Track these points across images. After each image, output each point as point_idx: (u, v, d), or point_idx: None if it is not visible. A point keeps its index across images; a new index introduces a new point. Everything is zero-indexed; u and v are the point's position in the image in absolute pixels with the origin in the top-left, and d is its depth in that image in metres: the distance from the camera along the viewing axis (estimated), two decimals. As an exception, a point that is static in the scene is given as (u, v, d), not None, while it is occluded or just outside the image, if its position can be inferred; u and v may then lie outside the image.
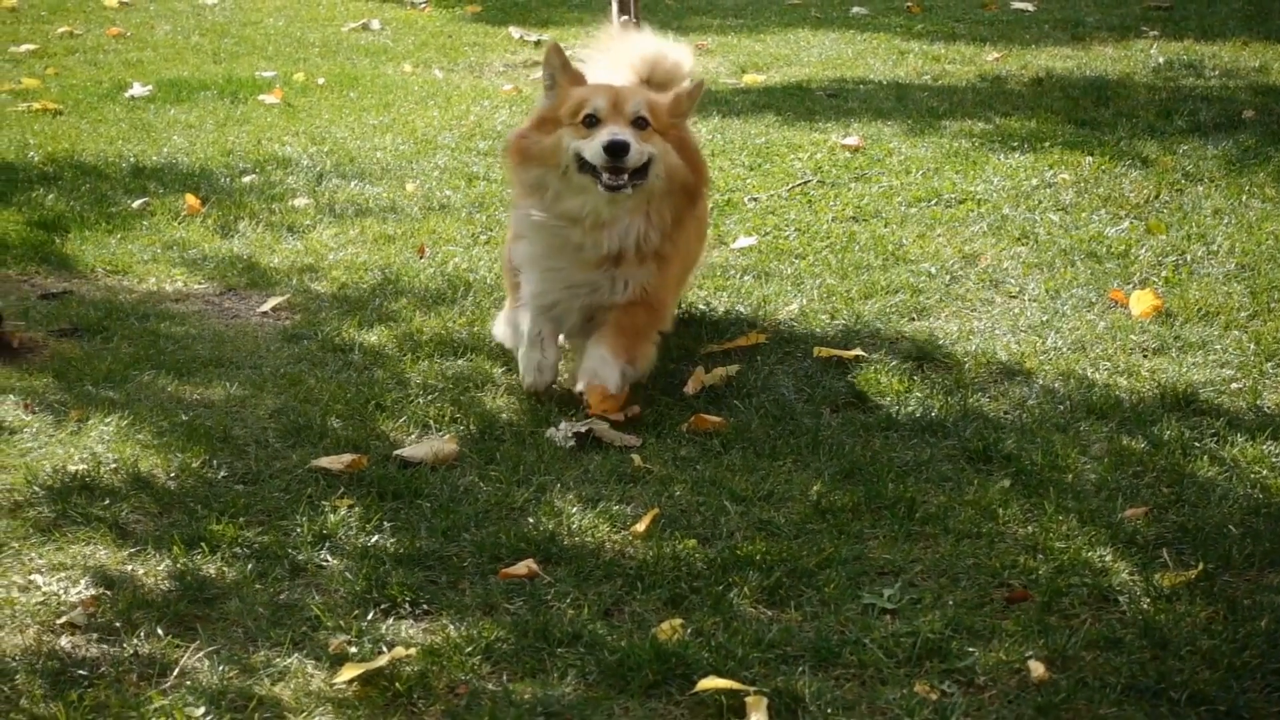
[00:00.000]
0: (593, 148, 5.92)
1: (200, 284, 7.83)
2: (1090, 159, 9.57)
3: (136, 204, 9.08)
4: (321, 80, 13.30)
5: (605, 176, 5.92)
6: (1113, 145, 9.91)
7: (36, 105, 12.09)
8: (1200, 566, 4.66)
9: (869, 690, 4.12)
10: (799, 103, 11.89)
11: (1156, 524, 4.98)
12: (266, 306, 7.41)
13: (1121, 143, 10.00)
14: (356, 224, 8.74)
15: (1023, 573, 4.70)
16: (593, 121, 6.01)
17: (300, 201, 9.20)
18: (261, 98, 12.50)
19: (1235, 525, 4.94)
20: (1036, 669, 4.16)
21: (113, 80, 13.29)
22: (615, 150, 5.87)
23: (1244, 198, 8.65)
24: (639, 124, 6.03)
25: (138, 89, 12.79)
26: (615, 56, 7.15)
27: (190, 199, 9.07)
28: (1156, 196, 8.78)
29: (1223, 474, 5.33)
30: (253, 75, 13.50)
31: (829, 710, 4.00)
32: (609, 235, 6.04)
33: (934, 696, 4.08)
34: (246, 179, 9.73)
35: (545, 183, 6.10)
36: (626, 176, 5.93)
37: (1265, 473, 5.32)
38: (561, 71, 6.23)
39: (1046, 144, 10.02)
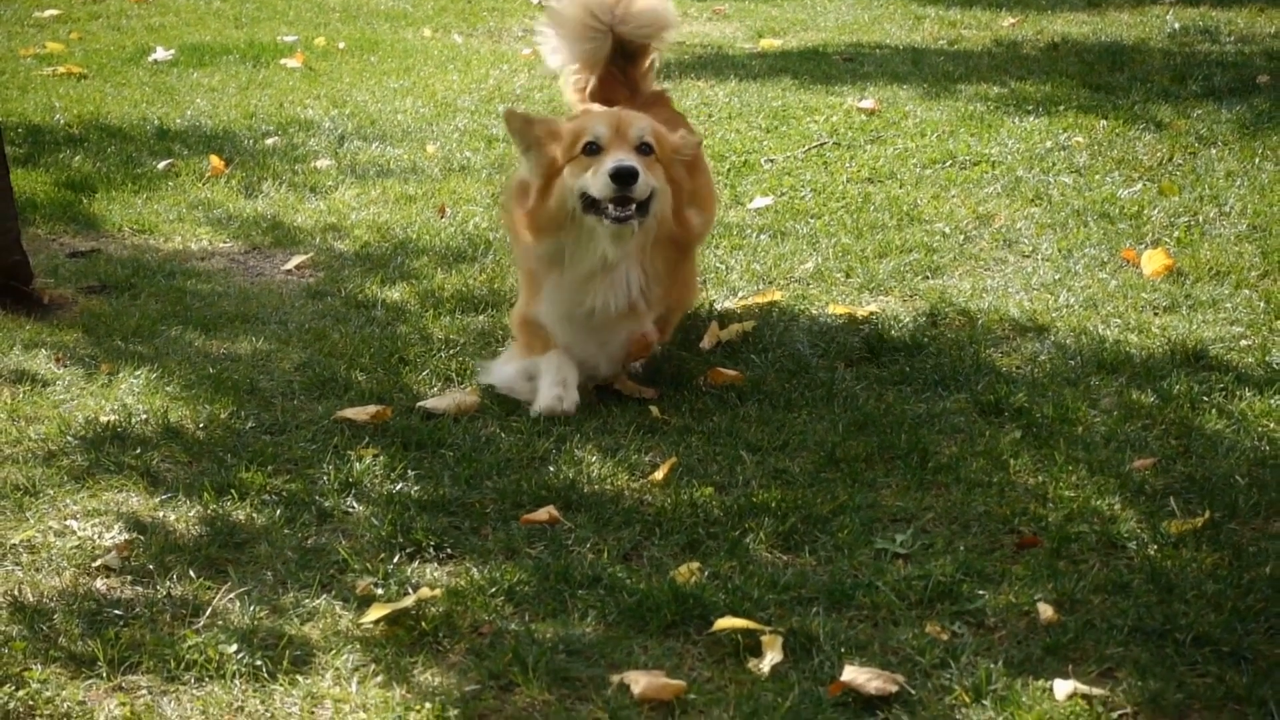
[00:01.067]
0: (599, 180, 5.44)
1: (225, 243, 7.96)
2: (1104, 122, 9.65)
3: (161, 165, 9.21)
4: (342, 45, 13.41)
5: (611, 208, 5.45)
6: (1127, 109, 9.98)
7: (61, 69, 12.24)
8: (1207, 515, 4.76)
9: (881, 630, 4.23)
10: (815, 67, 11.99)
11: (1164, 474, 5.08)
12: (290, 264, 7.54)
13: (1136, 107, 10.07)
14: (378, 185, 8.87)
15: (1032, 520, 4.81)
16: (594, 149, 5.54)
17: (323, 163, 9.33)
18: (283, 62, 12.63)
19: (1242, 476, 5.04)
20: (1045, 611, 4.26)
21: (136, 45, 13.41)
22: (622, 176, 5.39)
23: (1257, 160, 8.73)
24: (643, 150, 5.57)
25: (160, 53, 12.91)
26: None
27: (214, 160, 9.20)
28: (1170, 159, 8.86)
29: (1230, 427, 5.43)
30: (274, 40, 13.61)
31: (842, 649, 4.11)
32: (615, 284, 5.64)
33: (945, 636, 4.19)
34: (269, 141, 9.86)
35: (561, 249, 5.67)
36: (634, 207, 5.47)
37: (1272, 426, 5.41)
38: (530, 127, 5.72)
39: (1061, 108, 10.10)
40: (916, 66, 11.80)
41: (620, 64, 6.73)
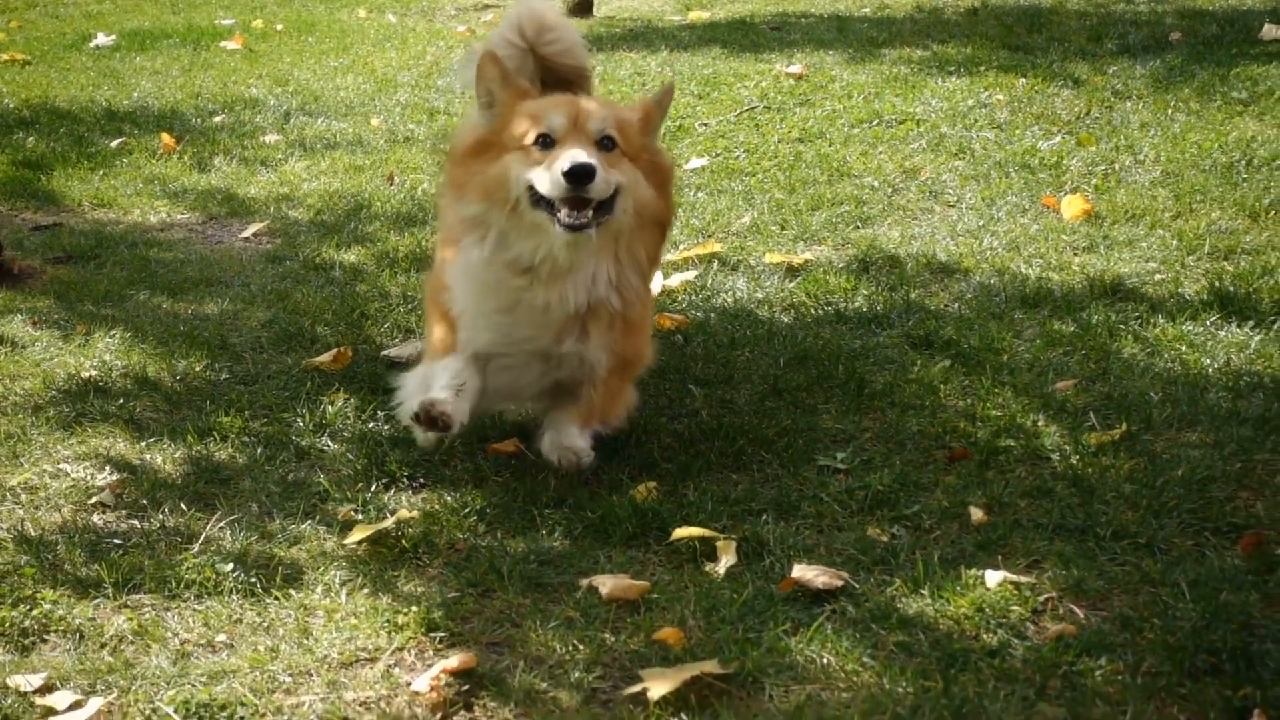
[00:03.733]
0: (550, 176, 4.76)
1: (183, 214, 8.27)
2: (1024, 81, 10.00)
3: (114, 144, 9.51)
4: (280, 26, 13.70)
5: (564, 213, 4.77)
6: (1045, 68, 10.34)
7: (4, 56, 12.46)
8: (1124, 427, 5.12)
9: (826, 535, 4.58)
10: (743, 36, 12.33)
11: (1084, 394, 5.44)
12: (248, 232, 7.85)
13: (1054, 65, 10.43)
14: (326, 157, 9.18)
15: (962, 436, 5.16)
16: (547, 143, 4.87)
17: (271, 138, 9.64)
18: (223, 44, 12.92)
19: (1156, 393, 5.39)
20: (976, 514, 4.62)
21: (76, 31, 13.67)
22: (577, 176, 4.71)
23: (1170, 111, 9.10)
24: (604, 145, 4.89)
25: (102, 39, 13.17)
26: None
27: (165, 138, 9.49)
28: (1087, 113, 9.22)
29: (1145, 351, 5.79)
30: (212, 23, 13.89)
31: (791, 552, 4.46)
32: (573, 287, 4.93)
33: (884, 538, 4.54)
34: (216, 119, 10.16)
35: (488, 220, 4.97)
36: (591, 212, 4.79)
37: (1184, 349, 5.77)
38: (501, 85, 5.06)
39: (982, 68, 10.46)
40: (841, 33, 12.15)
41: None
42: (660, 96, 5.19)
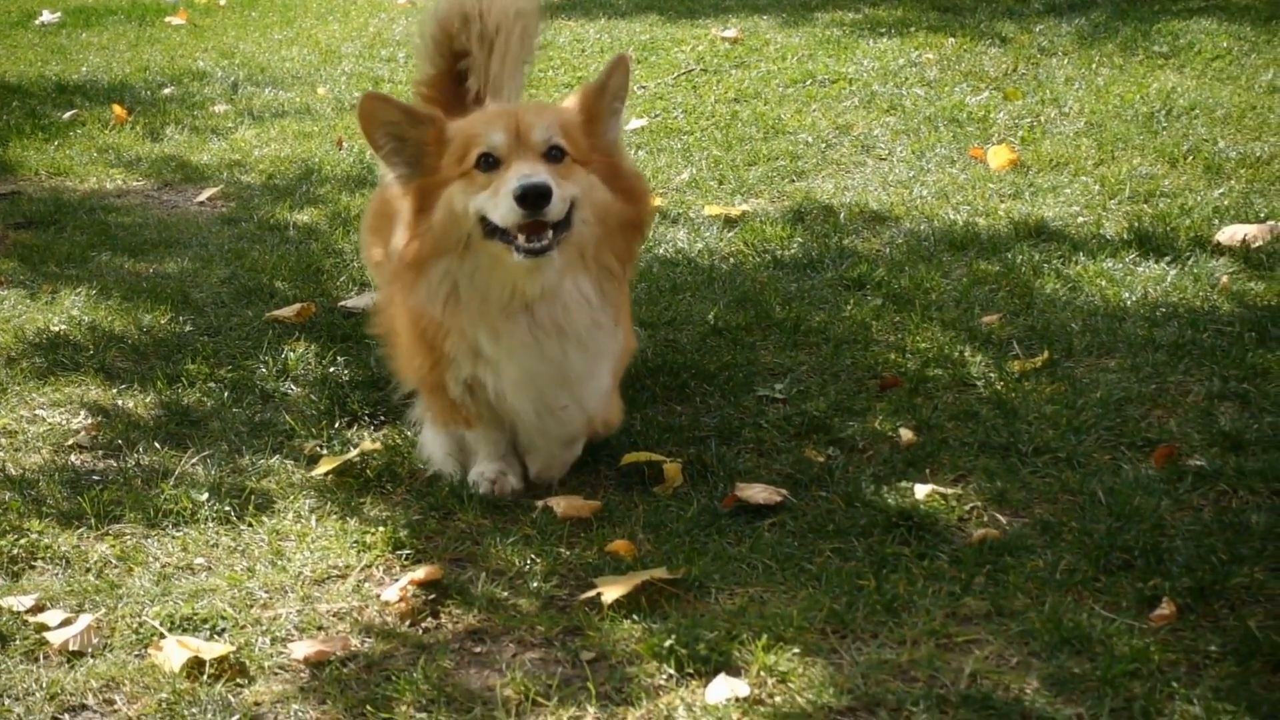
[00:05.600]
0: (502, 202, 4.26)
1: (138, 181, 8.51)
2: (953, 40, 10.28)
3: (67, 116, 9.73)
4: (223, 2, 13.88)
5: (520, 239, 4.27)
6: (973, 27, 10.62)
7: (-49, 35, 12.65)
8: (1046, 355, 5.42)
9: (766, 458, 4.87)
10: (679, 2, 12.57)
11: (1009, 326, 5.74)
12: (203, 197, 8.10)
13: (982, 25, 10.70)
14: (275, 125, 9.42)
15: (893, 367, 5.46)
16: (490, 163, 4.36)
17: (220, 108, 9.88)
18: (168, 20, 13.13)
19: (1077, 324, 5.69)
20: (906, 434, 4.92)
21: (20, 9, 13.87)
22: (533, 198, 4.20)
23: (1094, 66, 9.39)
24: (553, 156, 4.36)
25: (47, 16, 13.38)
26: None
27: (117, 109, 9.71)
28: (1014, 70, 9.51)
29: (1067, 286, 6.08)
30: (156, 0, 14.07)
31: (733, 473, 4.74)
32: (563, 304, 4.48)
33: (820, 459, 4.82)
34: (165, 91, 10.40)
35: (450, 274, 4.47)
36: (550, 232, 4.29)
37: (1104, 284, 6.07)
38: (407, 122, 4.49)
39: (912, 29, 10.73)
40: (775, -1, 12.43)
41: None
42: (603, 78, 4.58)
